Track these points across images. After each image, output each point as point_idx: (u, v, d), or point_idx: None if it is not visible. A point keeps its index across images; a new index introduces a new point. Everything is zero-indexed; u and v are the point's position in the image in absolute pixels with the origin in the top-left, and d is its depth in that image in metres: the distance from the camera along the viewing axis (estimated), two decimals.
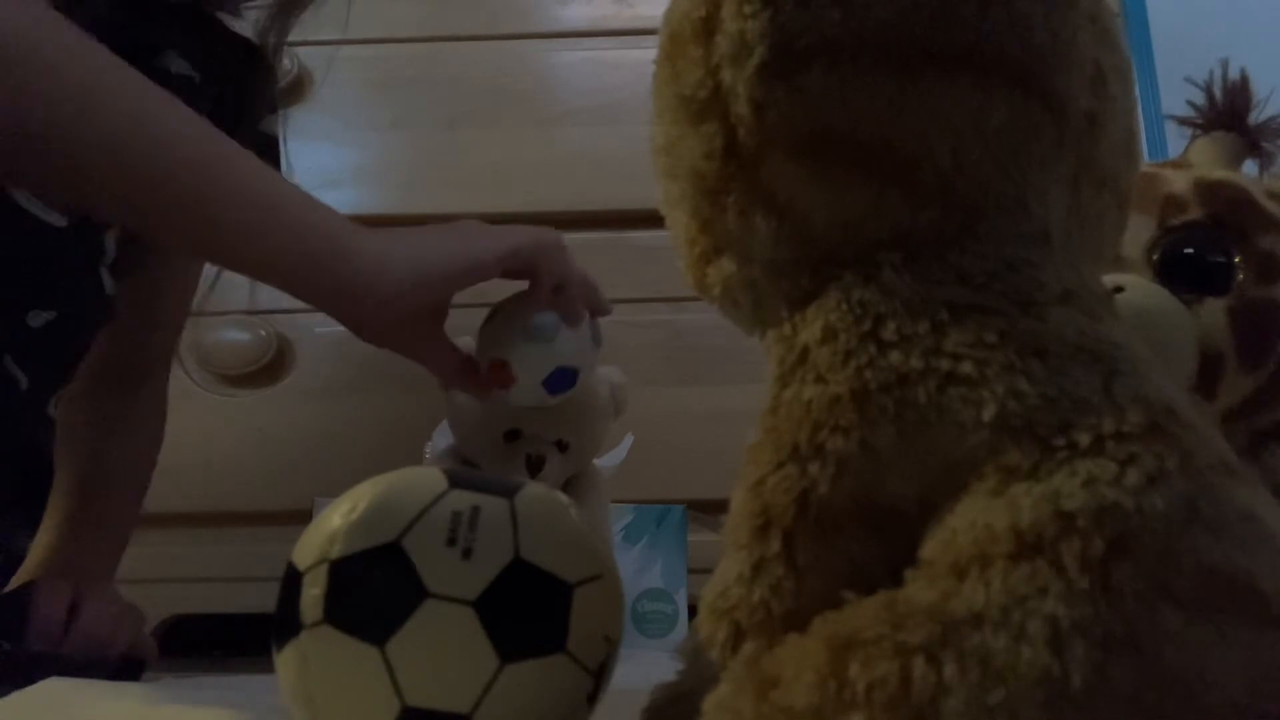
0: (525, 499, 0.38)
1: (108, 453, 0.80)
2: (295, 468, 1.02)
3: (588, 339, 0.65)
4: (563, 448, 0.69)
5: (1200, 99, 0.56)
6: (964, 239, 0.31)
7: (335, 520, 0.36)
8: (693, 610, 0.56)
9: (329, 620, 0.34)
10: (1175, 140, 0.66)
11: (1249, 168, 0.55)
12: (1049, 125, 0.31)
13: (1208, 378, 0.50)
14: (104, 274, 0.72)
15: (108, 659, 0.66)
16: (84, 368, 0.75)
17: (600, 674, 0.37)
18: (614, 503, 0.80)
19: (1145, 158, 0.49)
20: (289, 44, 0.80)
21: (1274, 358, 0.50)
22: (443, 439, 0.78)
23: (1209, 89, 0.56)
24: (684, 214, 0.35)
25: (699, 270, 0.35)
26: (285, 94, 1.03)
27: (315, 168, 1.03)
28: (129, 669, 0.68)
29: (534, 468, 0.68)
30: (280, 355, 1.07)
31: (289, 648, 0.35)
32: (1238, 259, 0.50)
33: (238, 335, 1.06)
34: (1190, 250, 0.51)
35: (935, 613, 0.24)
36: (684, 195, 0.34)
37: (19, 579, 0.71)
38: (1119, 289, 0.48)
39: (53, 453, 0.75)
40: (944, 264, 0.30)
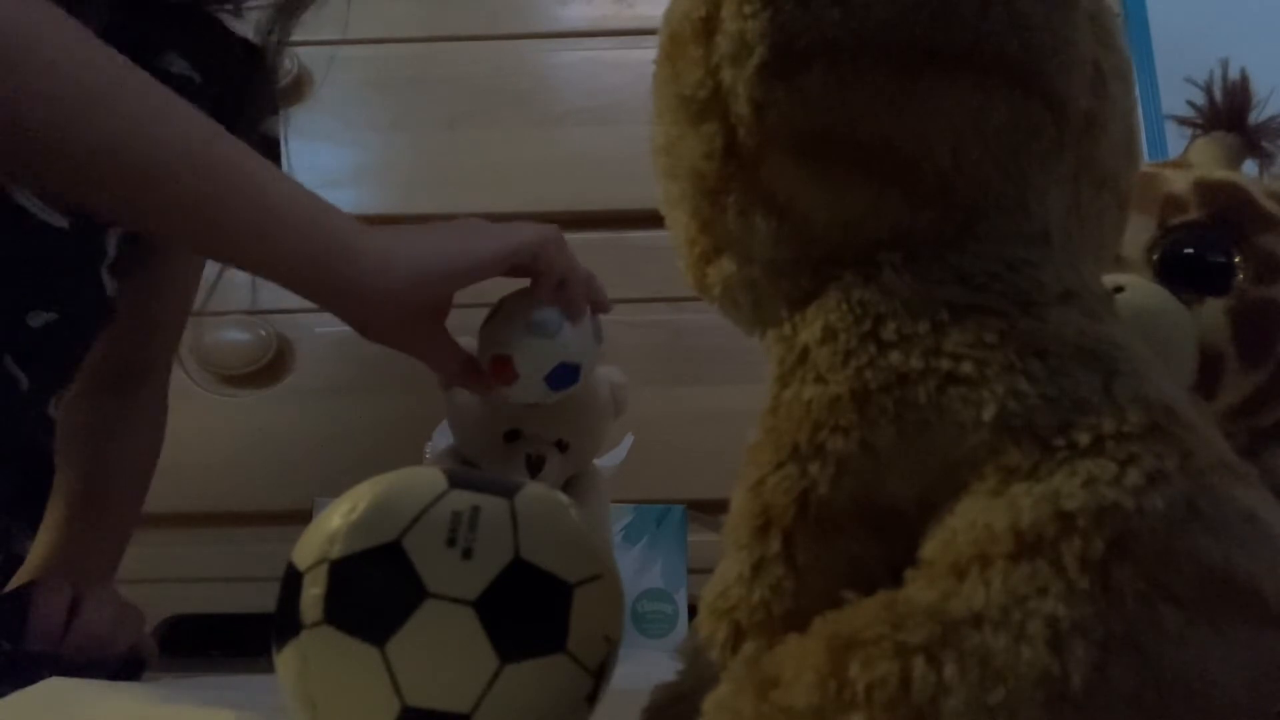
0: (525, 499, 0.38)
1: (108, 453, 0.80)
2: (295, 468, 1.02)
3: (590, 335, 0.65)
4: (563, 448, 0.69)
5: (1200, 99, 0.56)
6: (964, 239, 0.31)
7: (335, 520, 0.36)
8: (693, 610, 0.56)
9: (329, 620, 0.34)
10: (1175, 140, 0.66)
11: (1249, 168, 0.55)
12: (1049, 125, 0.31)
13: (1208, 378, 0.50)
14: (105, 275, 0.72)
15: (108, 659, 0.66)
16: (85, 368, 0.75)
17: (600, 674, 0.37)
18: (614, 503, 0.80)
19: (1145, 158, 0.49)
20: (289, 44, 0.80)
21: (1274, 357, 0.50)
22: (443, 439, 0.78)
23: (1209, 89, 0.55)
24: (684, 214, 0.35)
25: (699, 270, 0.35)
26: (285, 94, 1.03)
27: (315, 168, 1.03)
28: (129, 669, 0.68)
29: (534, 468, 0.68)
30: (280, 355, 1.07)
31: (289, 648, 0.35)
32: (1238, 259, 0.50)
33: (238, 335, 1.06)
34: (1190, 250, 0.51)
35: (935, 613, 0.24)
36: (684, 195, 0.34)
37: (19, 579, 0.71)
38: (1119, 289, 0.48)
39: (53, 453, 0.75)
40: (944, 264, 0.30)
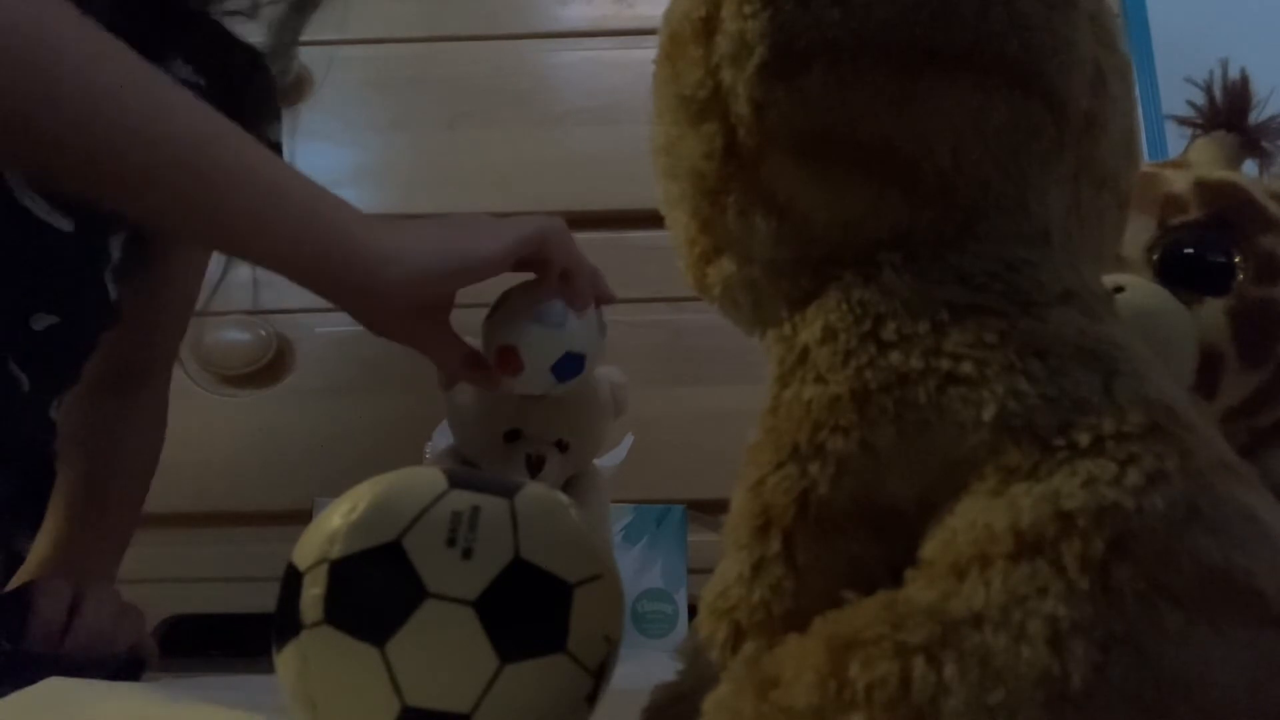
0: (525, 499, 0.38)
1: (109, 453, 0.80)
2: (295, 468, 1.02)
3: (595, 326, 0.65)
4: (563, 448, 0.69)
5: (1200, 99, 0.56)
6: (964, 239, 0.31)
7: (335, 520, 0.36)
8: (693, 610, 0.56)
9: (329, 620, 0.34)
10: (1175, 140, 0.66)
11: (1249, 168, 0.55)
12: (1049, 125, 0.31)
13: (1208, 378, 0.50)
14: (108, 279, 0.72)
15: (108, 659, 0.66)
16: (86, 369, 0.75)
17: (600, 674, 0.37)
18: (614, 503, 0.80)
19: (1145, 158, 0.49)
20: (296, 45, 0.80)
21: (1274, 357, 0.50)
22: (443, 439, 0.78)
23: (1209, 89, 0.55)
24: (684, 214, 0.35)
25: (699, 270, 0.35)
26: (285, 94, 1.03)
27: (315, 168, 1.01)
28: (129, 669, 0.68)
29: (534, 468, 0.68)
30: (280, 355, 1.07)
31: (289, 648, 0.35)
32: (1238, 259, 0.50)
33: (238, 335, 1.06)
34: (1190, 250, 0.51)
35: (935, 613, 0.24)
36: (684, 195, 0.34)
37: (20, 578, 0.71)
38: (1119, 289, 0.48)
39: (54, 455, 0.75)
40: (944, 264, 0.30)
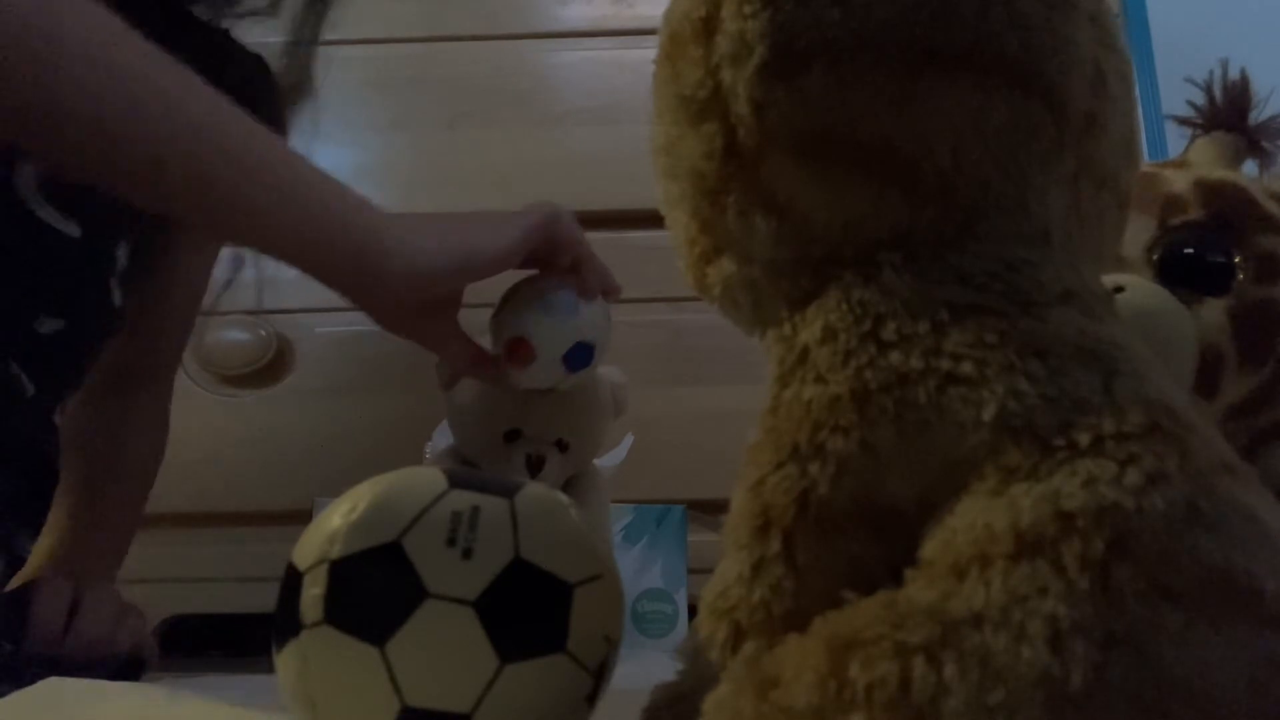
0: (525, 499, 0.38)
1: (111, 454, 0.80)
2: (295, 468, 1.02)
3: (603, 317, 0.65)
4: (563, 448, 0.69)
5: (1200, 99, 0.56)
6: (964, 239, 0.31)
7: (335, 520, 0.36)
8: (693, 610, 0.56)
9: (329, 620, 0.34)
10: (1175, 140, 0.66)
11: (1249, 168, 0.55)
12: (1049, 125, 0.31)
13: (1208, 378, 0.50)
14: (113, 285, 0.73)
15: (108, 659, 0.66)
16: (91, 373, 0.75)
17: (600, 674, 0.37)
18: (614, 503, 0.80)
19: (1145, 158, 0.49)
20: (289, 44, 0.80)
21: (1274, 357, 0.50)
22: (443, 439, 0.78)
23: (1209, 89, 0.55)
24: (684, 214, 0.35)
25: (699, 270, 0.35)
26: (293, 95, 1.03)
27: None
28: (129, 669, 0.68)
29: (534, 468, 0.68)
30: (280, 355, 1.07)
31: (289, 648, 0.35)
32: (1238, 259, 0.50)
33: (238, 335, 1.06)
34: (1190, 250, 0.51)
35: (935, 613, 0.24)
36: (684, 195, 0.34)
37: (20, 579, 0.71)
38: (1119, 289, 0.48)
39: (56, 458, 0.75)
40: (944, 264, 0.30)
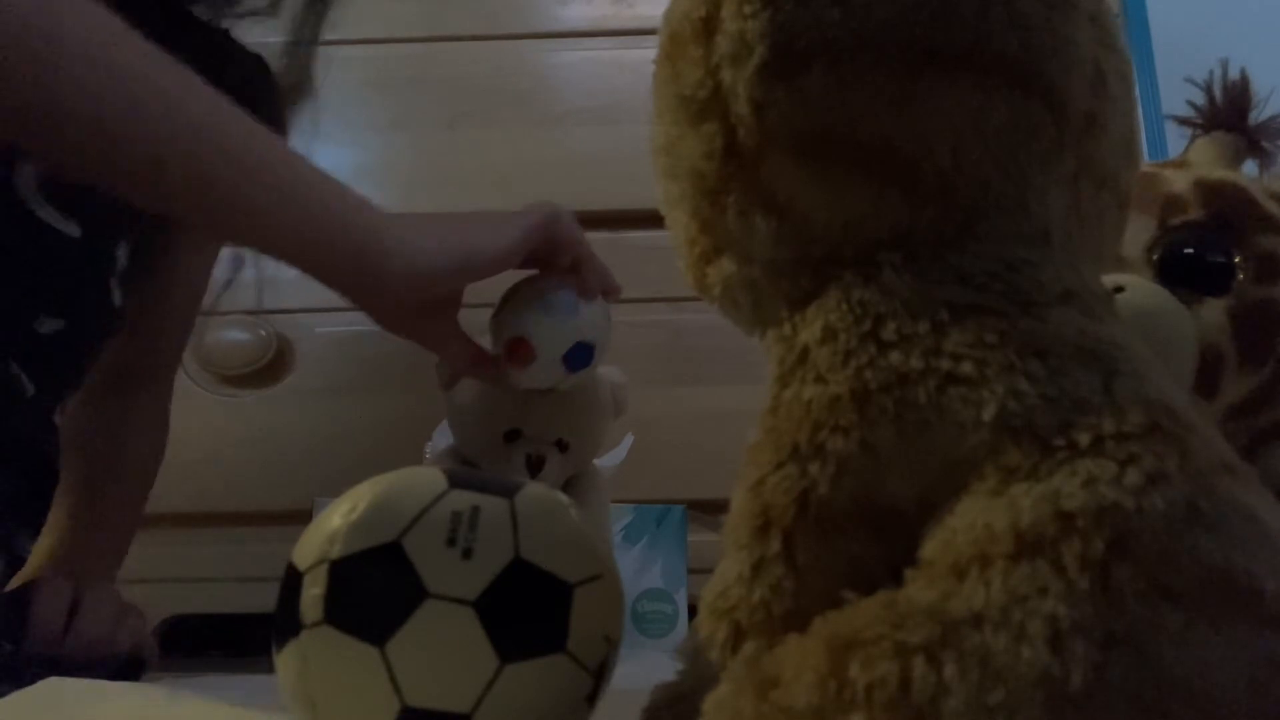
0: (525, 499, 0.38)
1: (111, 454, 0.80)
2: (295, 468, 1.02)
3: (603, 316, 0.65)
4: (563, 448, 0.69)
5: (1200, 99, 0.56)
6: (964, 239, 0.31)
7: (335, 520, 0.36)
8: (693, 610, 0.56)
9: (329, 620, 0.34)
10: (1175, 140, 0.66)
11: (1249, 168, 0.55)
12: (1049, 125, 0.31)
13: (1208, 378, 0.50)
14: (113, 285, 0.73)
15: (108, 659, 0.66)
16: (91, 373, 0.75)
17: (600, 674, 0.37)
18: (614, 503, 0.80)
19: (1145, 158, 0.49)
20: (289, 44, 0.80)
21: (1274, 357, 0.50)
22: (443, 439, 0.78)
23: (1209, 89, 0.55)
24: (684, 214, 0.35)
25: (699, 270, 0.35)
26: (293, 94, 1.03)
27: None
28: (129, 669, 0.68)
29: (534, 468, 0.68)
30: (280, 355, 1.07)
31: (289, 648, 0.35)
32: (1238, 259, 0.50)
33: (238, 335, 1.06)
34: (1190, 250, 0.51)
35: (935, 613, 0.24)
36: (684, 195, 0.34)
37: (20, 579, 0.71)
38: (1119, 289, 0.48)
39: (56, 458, 0.75)
40: (944, 264, 0.30)
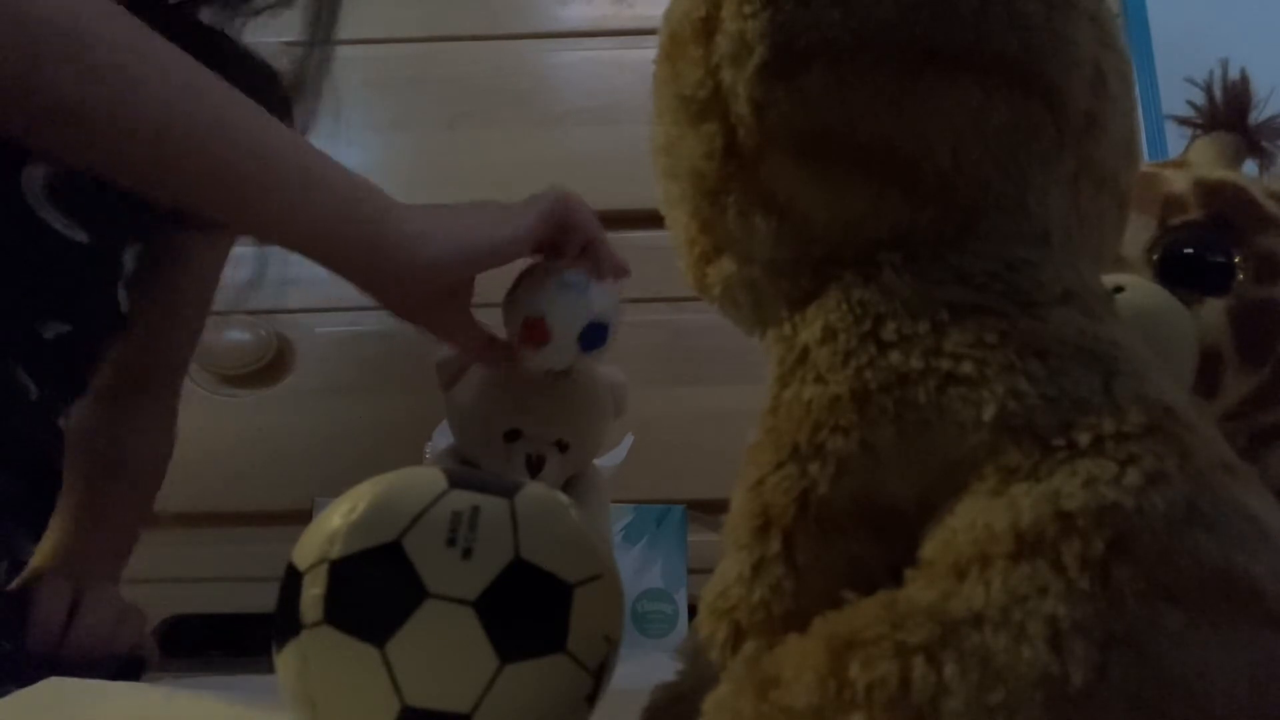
0: (525, 499, 0.38)
1: (115, 457, 0.80)
2: (295, 468, 1.02)
3: (614, 297, 0.66)
4: (563, 448, 0.69)
5: (1200, 99, 0.56)
6: (964, 239, 0.31)
7: (335, 520, 0.36)
8: (693, 610, 0.56)
9: (329, 620, 0.34)
10: (1175, 140, 0.66)
11: (1249, 168, 0.55)
12: (1049, 125, 0.31)
13: (1208, 378, 0.50)
14: (120, 290, 0.73)
15: (108, 659, 0.66)
16: (98, 378, 0.75)
17: (600, 674, 0.37)
18: (614, 503, 0.80)
19: (1145, 158, 0.49)
20: (289, 44, 0.80)
21: (1274, 358, 0.50)
22: (443, 439, 0.78)
23: (1209, 89, 0.55)
24: (684, 214, 0.35)
25: (699, 270, 0.35)
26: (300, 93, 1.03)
27: None
28: (129, 669, 0.68)
29: (534, 468, 0.68)
30: (280, 355, 1.07)
31: (289, 648, 0.35)
32: (1238, 259, 0.50)
33: (238, 335, 1.06)
34: (1190, 250, 0.51)
35: (935, 613, 0.24)
36: (684, 195, 0.34)
37: (21, 579, 0.71)
38: (1119, 289, 0.48)
39: (60, 463, 0.75)
40: (944, 264, 0.30)
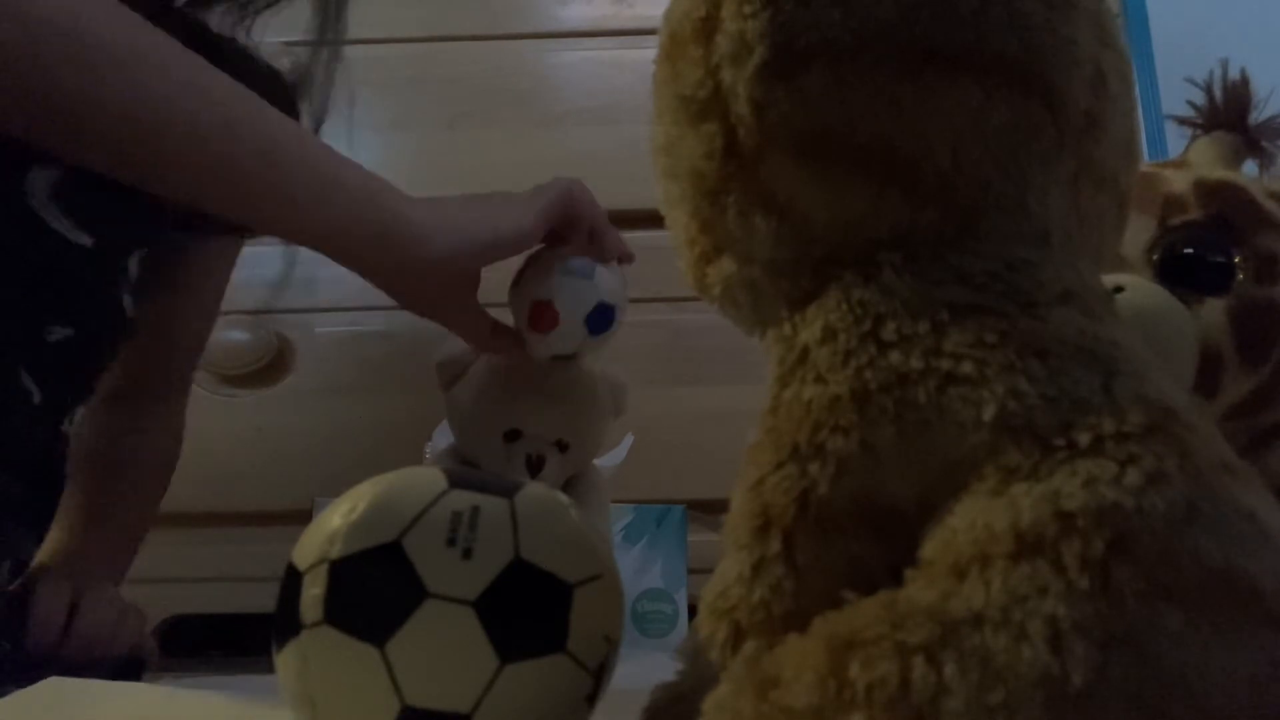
0: (525, 499, 0.38)
1: (118, 458, 0.81)
2: (295, 468, 1.02)
3: (621, 281, 0.66)
4: (563, 448, 0.69)
5: (1200, 99, 0.56)
6: (964, 239, 0.31)
7: (335, 520, 0.36)
8: (693, 610, 0.56)
9: (329, 620, 0.34)
10: (1175, 140, 0.66)
11: (1249, 168, 0.55)
12: (1049, 125, 0.31)
13: (1208, 378, 0.50)
14: (125, 296, 0.73)
15: (108, 659, 0.66)
16: (103, 382, 0.76)
17: (600, 674, 0.37)
18: (614, 503, 0.80)
19: (1145, 158, 0.49)
20: (289, 44, 0.80)
21: (1274, 357, 0.50)
22: (443, 439, 0.78)
23: (1209, 89, 0.55)
24: (684, 214, 0.35)
25: (699, 270, 0.35)
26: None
27: None
28: (129, 669, 0.68)
29: (534, 468, 0.68)
30: (280, 355, 1.07)
31: (289, 648, 0.35)
32: (1238, 259, 0.50)
33: (238, 335, 1.06)
34: (1190, 250, 0.51)
35: (935, 613, 0.24)
36: (684, 195, 0.34)
37: (23, 578, 0.71)
38: (1119, 289, 0.48)
39: (63, 465, 0.75)
40: (944, 264, 0.30)
